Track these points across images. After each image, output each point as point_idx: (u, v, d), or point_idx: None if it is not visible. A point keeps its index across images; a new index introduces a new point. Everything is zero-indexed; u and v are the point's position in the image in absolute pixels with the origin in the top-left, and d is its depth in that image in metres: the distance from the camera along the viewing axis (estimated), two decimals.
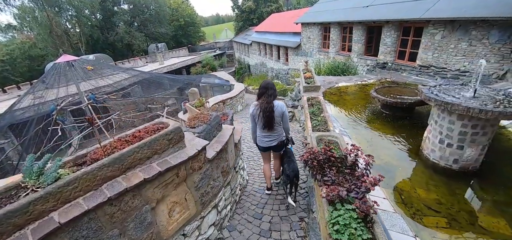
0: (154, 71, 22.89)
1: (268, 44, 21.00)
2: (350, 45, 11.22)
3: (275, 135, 3.06)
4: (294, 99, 8.11)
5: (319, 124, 4.26)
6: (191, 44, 41.53)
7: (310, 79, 6.50)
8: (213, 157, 2.52)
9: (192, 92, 6.94)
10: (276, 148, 3.19)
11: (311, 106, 5.11)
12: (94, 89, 14.30)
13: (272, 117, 2.84)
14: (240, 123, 8.41)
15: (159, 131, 2.05)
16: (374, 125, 5.35)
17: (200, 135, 2.55)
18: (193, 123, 2.77)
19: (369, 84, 8.29)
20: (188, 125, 2.78)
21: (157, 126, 2.25)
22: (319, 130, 3.96)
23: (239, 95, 11.20)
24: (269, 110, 2.80)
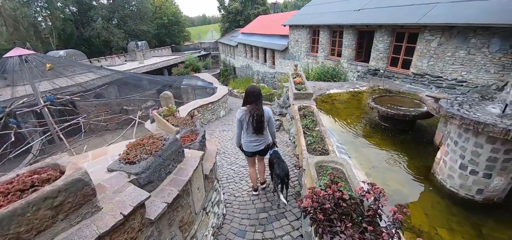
0: (131, 70, 21.32)
1: (254, 46, 20.26)
2: (340, 50, 10.72)
3: (263, 139, 3.15)
4: (282, 106, 7.36)
5: (315, 141, 3.48)
6: (175, 44, 39.88)
7: (301, 85, 5.76)
8: (161, 214, 1.60)
9: (164, 96, 5.95)
10: (262, 152, 3.27)
11: (303, 117, 4.34)
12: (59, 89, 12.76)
13: (262, 122, 2.92)
14: (218, 135, 7.50)
15: (38, 188, 1.07)
16: (374, 140, 4.68)
17: (140, 177, 1.64)
18: (132, 155, 1.83)
19: (362, 91, 7.74)
20: (123, 159, 1.85)
21: (41, 175, 1.20)
22: (315, 150, 3.17)
23: (222, 100, 10.28)
24: (260, 116, 2.88)
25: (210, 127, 8.45)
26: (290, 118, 5.54)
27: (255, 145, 3.14)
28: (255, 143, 3.12)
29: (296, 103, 4.97)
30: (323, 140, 3.54)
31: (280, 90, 13.97)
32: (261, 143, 3.16)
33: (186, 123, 3.92)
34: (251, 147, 3.15)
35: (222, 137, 7.14)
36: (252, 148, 3.15)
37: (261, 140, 3.14)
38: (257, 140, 3.12)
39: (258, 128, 2.95)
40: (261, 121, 2.93)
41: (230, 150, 5.88)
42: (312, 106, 4.83)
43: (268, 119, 3.06)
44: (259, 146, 3.16)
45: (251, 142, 3.12)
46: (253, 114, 2.88)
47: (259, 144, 3.15)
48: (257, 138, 3.10)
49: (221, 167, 4.96)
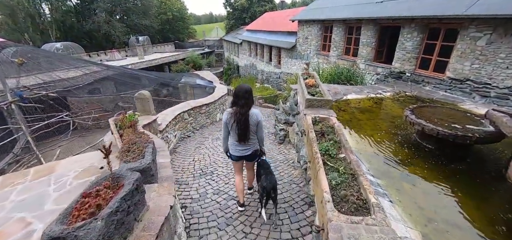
0: (129, 66, 20.25)
1: (259, 44, 18.95)
2: (356, 49, 9.33)
3: (249, 144, 2.85)
4: (288, 112, 6.03)
5: (343, 181, 2.18)
6: (179, 40, 38.87)
7: (315, 88, 4.43)
8: None
9: (140, 97, 4.69)
10: (250, 157, 2.97)
11: (320, 135, 3.03)
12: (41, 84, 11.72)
13: (247, 128, 2.66)
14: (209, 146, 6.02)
15: None
16: (419, 170, 3.33)
17: None
18: None
19: (386, 98, 6.37)
20: None
21: None
22: (346, 200, 1.88)
23: (220, 101, 9.00)
24: (244, 120, 2.61)
25: (202, 134, 7.19)
26: (300, 132, 4.23)
27: (241, 150, 2.87)
28: (240, 147, 2.85)
29: (309, 113, 3.65)
30: (356, 178, 2.23)
31: (285, 92, 12.64)
32: (248, 148, 2.87)
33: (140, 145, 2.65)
34: (237, 151, 2.88)
35: (214, 148, 5.86)
36: (238, 152, 2.88)
37: (247, 145, 2.85)
38: (243, 145, 2.83)
39: (241, 135, 2.69)
40: (244, 128, 2.65)
41: (221, 169, 4.60)
42: (331, 119, 3.50)
43: (257, 123, 2.77)
44: (246, 151, 2.88)
45: (237, 145, 2.85)
46: (237, 119, 2.61)
47: (246, 149, 2.87)
48: (243, 143, 2.81)
49: (202, 197, 3.68)
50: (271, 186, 2.71)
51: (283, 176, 4.09)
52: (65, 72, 10.54)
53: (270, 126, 7.90)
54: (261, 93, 15.56)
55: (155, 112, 4.91)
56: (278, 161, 4.73)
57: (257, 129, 2.84)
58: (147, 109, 4.72)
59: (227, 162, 4.90)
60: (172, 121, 5.95)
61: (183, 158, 5.34)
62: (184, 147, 6.07)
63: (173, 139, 5.98)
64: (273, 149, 5.57)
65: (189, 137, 6.89)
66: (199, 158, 5.24)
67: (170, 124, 5.81)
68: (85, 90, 15.53)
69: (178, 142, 6.33)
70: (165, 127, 5.32)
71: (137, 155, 1.78)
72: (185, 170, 4.70)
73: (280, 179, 3.99)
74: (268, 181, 2.72)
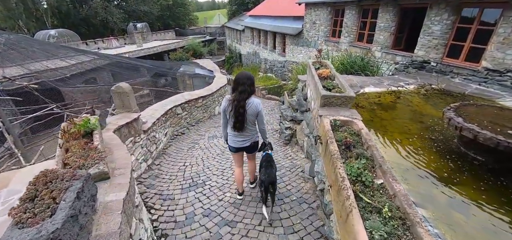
0: (126, 54, 19.38)
1: (262, 31, 17.82)
2: (371, 35, 8.32)
3: (248, 135, 2.67)
4: (295, 108, 5.18)
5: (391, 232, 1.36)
6: (180, 27, 37.62)
7: (331, 81, 3.56)
8: None
9: (117, 91, 3.87)
10: (249, 149, 2.80)
11: (344, 148, 2.21)
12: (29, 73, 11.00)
13: (243, 116, 2.46)
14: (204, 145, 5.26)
15: None
16: (471, 193, 2.53)
17: None
18: None
19: (409, 91, 5.47)
20: None
21: None
22: None
23: (218, 92, 8.17)
24: (240, 108, 2.42)
25: (198, 131, 6.41)
26: (313, 138, 3.39)
27: (239, 141, 2.69)
28: (238, 138, 2.67)
29: (326, 115, 2.81)
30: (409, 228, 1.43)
31: (290, 82, 11.72)
32: (246, 139, 2.69)
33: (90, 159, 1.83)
34: (235, 142, 2.71)
35: (210, 149, 5.09)
36: (236, 143, 2.71)
37: (245, 135, 2.66)
38: (241, 135, 2.65)
39: (236, 124, 2.50)
40: (241, 115, 2.44)
41: (215, 179, 3.82)
42: (356, 123, 2.66)
43: (256, 114, 2.54)
44: (244, 142, 2.70)
45: (234, 136, 2.68)
46: (234, 106, 2.43)
47: (244, 140, 2.68)
48: (240, 133, 2.62)
49: (189, 220, 2.92)
50: (269, 180, 2.56)
51: (291, 190, 3.30)
52: (53, 62, 9.76)
53: (274, 121, 7.08)
54: (264, 83, 14.64)
55: (137, 108, 4.12)
56: (284, 169, 3.94)
57: (257, 120, 2.62)
58: (127, 104, 3.92)
59: (224, 168, 4.13)
60: (161, 118, 5.16)
61: (173, 161, 4.58)
62: (176, 147, 5.30)
63: (163, 138, 5.21)
64: (278, 151, 4.77)
65: (183, 134, 6.11)
66: (191, 162, 4.48)
67: (159, 121, 5.03)
68: (80, 80, 14.83)
69: (169, 141, 5.57)
70: (152, 125, 4.54)
71: (44, 209, 1.02)
72: (173, 178, 3.94)
73: (287, 195, 3.21)
74: (266, 175, 2.58)
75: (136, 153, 3.92)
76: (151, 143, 4.50)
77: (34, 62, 8.85)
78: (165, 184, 3.77)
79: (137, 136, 3.98)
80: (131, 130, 3.78)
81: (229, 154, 4.76)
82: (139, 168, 4.05)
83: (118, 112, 4.02)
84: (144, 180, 3.90)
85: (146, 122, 4.49)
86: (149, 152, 4.41)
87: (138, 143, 3.99)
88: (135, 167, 3.91)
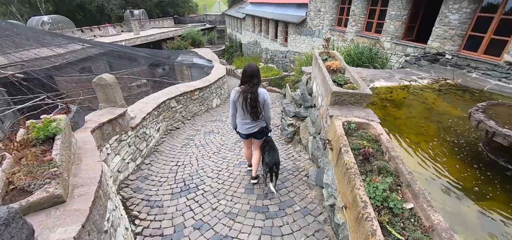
0: (123, 42, 18.75)
1: (264, 19, 17.12)
2: (380, 24, 7.78)
3: (257, 122, 2.85)
4: (299, 102, 4.75)
5: None
6: (179, 15, 36.55)
7: (342, 75, 3.12)
8: None
9: (100, 83, 3.43)
10: (257, 134, 2.98)
11: (362, 159, 1.81)
12: None
13: (257, 106, 2.68)
14: (200, 143, 4.96)
15: None
16: (504, 206, 2.16)
17: None
18: None
19: (423, 86, 5.03)
20: None
21: None
22: None
23: (217, 84, 7.72)
24: (254, 100, 2.63)
25: (194, 125, 6.00)
26: (321, 142, 2.95)
27: (248, 127, 2.87)
28: (248, 125, 2.86)
29: (338, 115, 2.39)
30: None
31: (292, 73, 11.23)
32: (255, 125, 2.87)
33: None
34: (244, 129, 2.89)
35: (205, 147, 4.70)
36: (246, 130, 2.90)
37: (255, 123, 2.85)
38: (250, 122, 2.84)
39: (252, 113, 2.70)
40: (255, 106, 2.66)
41: (209, 182, 3.45)
42: (373, 126, 2.25)
43: (264, 102, 2.73)
44: (253, 128, 2.88)
45: (245, 123, 2.86)
46: (246, 97, 2.62)
47: (253, 126, 2.87)
48: (251, 121, 2.81)
49: (178, 234, 2.56)
50: (273, 162, 2.82)
51: (294, 198, 2.93)
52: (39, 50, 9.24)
53: (276, 115, 6.67)
54: (265, 74, 14.11)
55: (124, 102, 3.70)
56: (287, 172, 3.55)
57: (264, 108, 2.80)
58: (112, 98, 3.50)
59: (219, 170, 3.75)
60: (153, 112, 4.74)
61: (165, 160, 4.20)
62: (169, 144, 4.91)
63: (155, 134, 4.81)
64: (279, 150, 4.36)
65: (177, 129, 5.71)
66: (185, 162, 4.09)
67: (151, 116, 4.61)
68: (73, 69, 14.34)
69: (162, 136, 5.17)
70: (142, 121, 4.13)
71: None
72: (163, 180, 3.56)
73: (290, 204, 2.83)
74: (270, 157, 2.84)
75: (122, 152, 3.52)
76: (140, 141, 4.10)
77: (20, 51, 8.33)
78: (154, 187, 3.39)
79: (124, 134, 3.58)
80: (115, 127, 3.38)
81: (226, 153, 4.38)
82: (126, 169, 3.67)
83: (102, 107, 3.60)
84: (132, 182, 3.53)
85: (135, 118, 4.08)
86: (138, 150, 4.02)
87: (124, 142, 3.60)
88: (122, 168, 3.53)
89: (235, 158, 4.14)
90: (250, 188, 3.19)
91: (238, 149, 4.52)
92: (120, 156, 3.48)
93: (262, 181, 3.26)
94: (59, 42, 10.26)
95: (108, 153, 3.20)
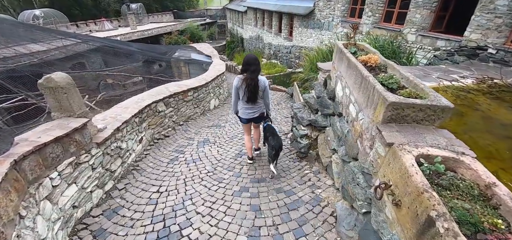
0: (118, 37, 17.80)
1: (267, 11, 16.05)
2: (403, 13, 6.75)
3: (257, 107, 3.17)
4: (314, 107, 3.77)
5: None
6: (178, 10, 35.47)
7: (388, 75, 2.14)
8: None
9: (48, 85, 2.48)
10: (257, 119, 3.31)
11: None
12: None
13: (256, 92, 2.97)
14: (192, 158, 4.00)
15: None
16: None
17: None
18: None
19: (469, 88, 4.04)
20: None
21: None
22: None
23: (214, 82, 6.77)
24: (253, 86, 2.91)
25: (186, 133, 5.07)
26: (374, 191, 1.96)
27: (249, 113, 3.17)
28: (249, 110, 3.15)
29: (402, 143, 1.42)
30: None
31: (298, 69, 10.23)
32: (255, 111, 3.18)
33: None
34: (246, 114, 3.18)
35: (197, 162, 3.76)
36: (247, 115, 3.19)
37: (255, 108, 3.15)
38: (251, 108, 3.14)
39: (250, 98, 3.01)
40: (254, 92, 2.96)
41: (200, 220, 2.52)
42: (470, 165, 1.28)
43: (264, 89, 3.06)
44: (254, 113, 3.18)
45: (246, 108, 3.14)
46: (248, 84, 2.89)
47: (253, 112, 3.17)
48: (252, 106, 3.12)
49: None
50: (278, 145, 3.13)
51: None
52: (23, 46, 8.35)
53: (282, 119, 5.71)
54: (268, 71, 13.12)
55: (85, 110, 2.76)
56: (303, 205, 2.61)
57: (264, 95, 3.10)
58: (66, 106, 2.57)
59: (214, 200, 2.81)
60: (133, 119, 3.81)
61: (144, 184, 3.27)
62: (154, 158, 3.98)
63: (136, 146, 3.88)
64: (290, 170, 3.43)
65: (166, 137, 4.78)
66: (169, 187, 3.16)
67: (130, 124, 3.68)
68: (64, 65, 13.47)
69: (146, 148, 4.24)
70: (115, 132, 3.19)
71: None
72: (136, 217, 2.63)
73: None
74: (275, 141, 3.14)
75: (81, 180, 2.59)
76: (112, 159, 3.17)
77: None
78: (123, 229, 2.47)
79: (84, 154, 2.65)
80: (69, 146, 2.44)
81: (223, 173, 3.45)
82: (89, 200, 2.74)
83: (55, 117, 2.66)
84: (94, 219, 2.61)
85: (105, 129, 3.14)
86: (109, 172, 3.09)
87: (85, 164, 2.66)
88: (81, 201, 2.60)
89: (234, 181, 3.20)
90: (256, 236, 2.26)
91: (238, 166, 3.58)
92: (77, 185, 2.55)
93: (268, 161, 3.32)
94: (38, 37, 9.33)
95: (55, 185, 2.27)
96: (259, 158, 3.76)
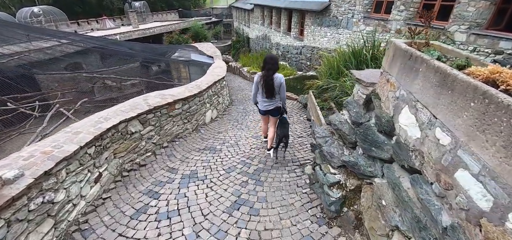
0: (118, 35, 16.86)
1: (275, 8, 14.76)
2: (448, 7, 5.37)
3: (273, 102, 3.43)
4: (349, 139, 2.50)
5: None
6: (184, 8, 34.61)
7: None
8: None
9: None
10: (273, 112, 3.54)
11: None
12: None
13: (271, 88, 3.27)
14: (177, 204, 2.78)
15: None
16: None
17: None
18: None
19: None
20: None
21: None
22: None
23: (213, 90, 5.57)
24: (268, 83, 3.23)
25: (169, 158, 3.86)
26: None
27: (266, 105, 3.45)
28: (266, 103, 3.43)
29: None
30: None
31: (311, 73, 8.91)
32: (271, 104, 3.42)
33: None
34: (263, 106, 3.48)
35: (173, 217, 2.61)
36: (264, 107, 3.48)
37: (272, 102, 3.40)
38: (268, 101, 3.40)
39: (266, 92, 3.31)
40: (269, 88, 3.26)
41: None
42: None
43: (280, 85, 3.29)
44: (269, 106, 3.44)
45: (263, 101, 3.44)
46: (265, 80, 3.23)
47: (269, 105, 3.43)
48: (269, 100, 3.38)
49: None
50: (283, 134, 3.46)
51: None
52: None
53: (294, 140, 4.44)
54: None
55: None
56: None
57: (280, 90, 3.35)
58: None
59: None
60: (83, 151, 2.62)
61: None
62: (114, 207, 2.77)
63: (88, 190, 2.69)
64: (311, 232, 2.17)
65: (141, 167, 3.59)
66: None
67: (75, 160, 2.50)
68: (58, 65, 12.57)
69: (108, 188, 3.05)
70: (37, 180, 2.02)
71: None
72: None
73: None
74: (281, 129, 3.52)
75: None
76: (31, 225, 1.98)
77: None
78: None
79: None
80: None
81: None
82: None
83: None
84: None
85: (22, 176, 1.95)
86: None
87: None
88: None
89: None
90: None
91: (234, 230, 2.34)
92: None
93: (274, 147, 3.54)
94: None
95: None
96: None
